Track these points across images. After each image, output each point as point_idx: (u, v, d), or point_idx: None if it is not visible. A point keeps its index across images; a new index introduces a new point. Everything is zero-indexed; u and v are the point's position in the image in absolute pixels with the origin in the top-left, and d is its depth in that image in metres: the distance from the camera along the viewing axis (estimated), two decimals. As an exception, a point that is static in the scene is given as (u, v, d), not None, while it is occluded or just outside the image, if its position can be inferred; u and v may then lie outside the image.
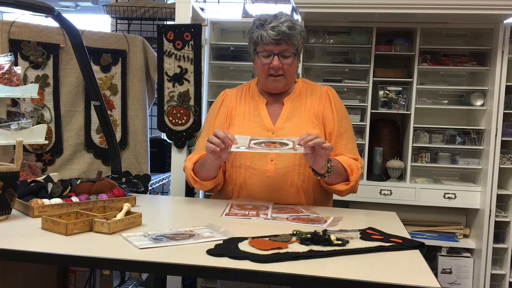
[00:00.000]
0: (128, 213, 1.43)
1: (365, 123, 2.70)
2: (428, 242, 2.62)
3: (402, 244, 1.29)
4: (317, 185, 1.79)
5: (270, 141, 1.62)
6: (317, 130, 1.75)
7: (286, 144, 1.59)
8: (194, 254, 1.17)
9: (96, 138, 2.43)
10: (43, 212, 1.47)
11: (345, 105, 1.90)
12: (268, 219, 1.53)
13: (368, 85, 2.69)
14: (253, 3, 2.93)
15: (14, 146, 1.86)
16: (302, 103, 1.81)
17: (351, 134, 1.84)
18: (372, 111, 2.70)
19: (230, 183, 1.81)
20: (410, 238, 1.37)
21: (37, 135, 1.96)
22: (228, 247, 1.21)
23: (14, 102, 2.05)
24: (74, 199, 1.59)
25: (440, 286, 1.02)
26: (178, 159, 2.48)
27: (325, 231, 1.30)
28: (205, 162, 1.71)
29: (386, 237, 1.36)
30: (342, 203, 2.63)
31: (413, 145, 2.69)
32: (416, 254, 1.25)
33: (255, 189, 1.75)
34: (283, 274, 1.07)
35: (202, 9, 2.72)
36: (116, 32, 2.96)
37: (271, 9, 2.96)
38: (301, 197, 1.77)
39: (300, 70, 2.62)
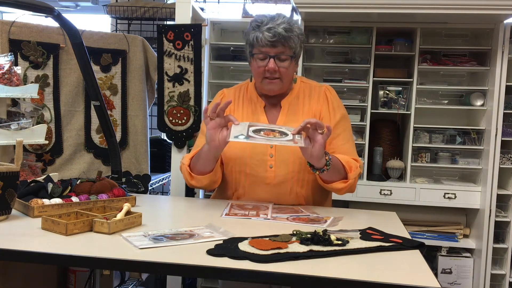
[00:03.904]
0: (128, 213, 1.42)
1: (365, 123, 2.70)
2: (428, 242, 2.62)
3: (402, 244, 1.29)
4: (316, 190, 1.77)
5: (270, 129, 1.57)
6: None
7: (286, 134, 1.55)
8: (194, 254, 1.17)
9: (96, 138, 2.43)
10: (43, 212, 1.47)
11: (345, 105, 1.86)
12: (268, 219, 1.53)
13: (368, 85, 2.69)
14: (253, 3, 2.93)
15: (14, 146, 1.86)
16: (300, 106, 1.78)
17: (348, 135, 1.79)
18: (372, 111, 2.70)
19: (230, 189, 1.80)
20: (410, 238, 1.37)
21: (37, 135, 1.96)
22: (228, 247, 1.21)
23: (14, 102, 2.05)
24: (74, 199, 1.59)
25: (440, 286, 1.02)
26: (178, 159, 2.48)
27: (325, 231, 1.30)
28: (201, 153, 1.67)
29: (386, 237, 1.36)
30: (342, 203, 2.63)
31: (413, 145, 2.69)
32: (416, 254, 1.25)
33: (255, 196, 1.74)
34: (283, 274, 1.07)
35: (202, 9, 2.72)
36: (116, 32, 2.96)
37: (271, 9, 2.96)
38: (301, 203, 1.76)
39: (300, 70, 2.61)
